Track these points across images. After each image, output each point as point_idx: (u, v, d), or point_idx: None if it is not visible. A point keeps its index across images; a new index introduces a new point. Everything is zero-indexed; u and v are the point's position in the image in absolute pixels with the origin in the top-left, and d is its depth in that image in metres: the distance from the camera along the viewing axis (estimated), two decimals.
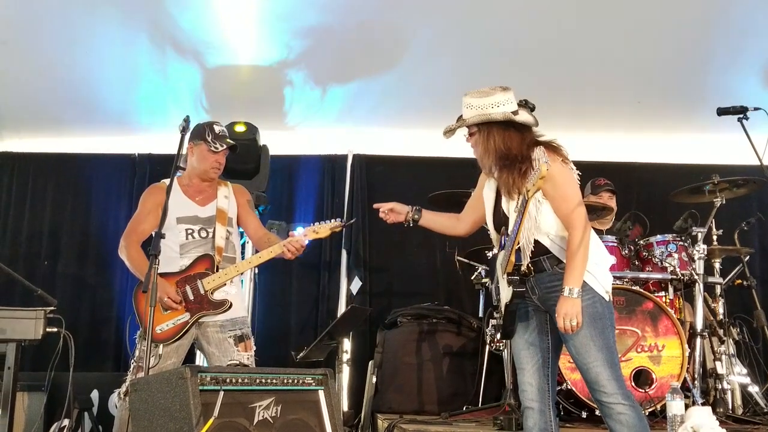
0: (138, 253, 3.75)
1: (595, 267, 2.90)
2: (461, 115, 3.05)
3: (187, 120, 3.53)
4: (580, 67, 5.61)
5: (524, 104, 3.05)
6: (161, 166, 5.71)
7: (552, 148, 2.92)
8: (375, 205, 3.43)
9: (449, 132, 3.08)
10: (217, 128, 3.89)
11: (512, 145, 2.94)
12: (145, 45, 5.42)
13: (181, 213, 3.81)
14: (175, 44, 5.44)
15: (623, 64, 5.60)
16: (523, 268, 2.93)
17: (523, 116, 2.98)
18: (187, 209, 3.85)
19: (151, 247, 3.22)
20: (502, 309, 3.04)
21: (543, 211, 2.92)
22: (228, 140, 3.92)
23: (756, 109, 3.81)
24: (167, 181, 3.58)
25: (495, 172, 3.01)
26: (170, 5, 5.03)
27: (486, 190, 3.16)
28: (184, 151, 3.83)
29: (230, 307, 3.72)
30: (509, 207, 2.96)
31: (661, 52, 5.44)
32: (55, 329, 3.58)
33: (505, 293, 3.00)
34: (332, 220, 3.81)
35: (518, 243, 2.89)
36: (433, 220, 3.41)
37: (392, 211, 3.36)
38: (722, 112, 3.87)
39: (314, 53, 5.60)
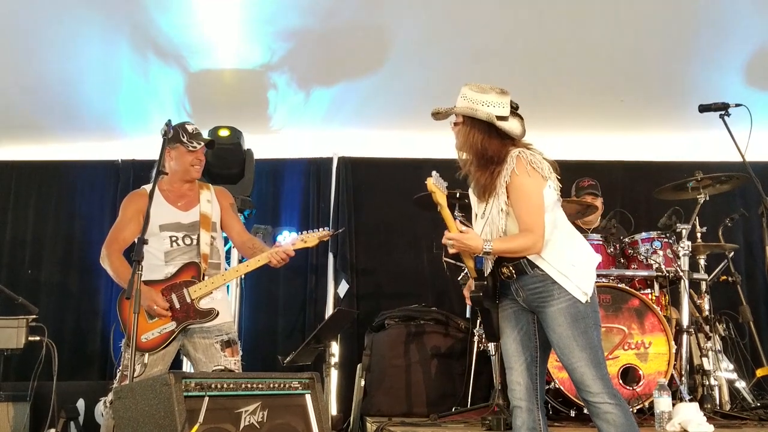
0: (120, 262, 3.67)
1: (570, 269, 2.88)
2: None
3: (168, 124, 3.49)
4: (564, 67, 5.62)
5: (516, 113, 3.03)
6: (145, 172, 5.62)
7: (522, 156, 2.90)
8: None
9: (437, 114, 3.07)
10: (189, 128, 3.83)
11: (489, 147, 2.94)
12: (126, 49, 5.38)
13: (163, 220, 3.74)
14: (157, 48, 5.40)
15: (606, 64, 5.63)
16: (487, 272, 2.95)
17: (512, 124, 2.96)
18: (170, 216, 3.78)
19: (133, 253, 3.18)
20: (479, 312, 3.05)
21: (510, 219, 2.92)
22: (204, 137, 3.87)
23: (737, 105, 3.83)
24: (147, 187, 3.53)
25: (471, 168, 3.02)
26: (151, 8, 4.99)
27: (471, 192, 3.17)
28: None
29: (217, 315, 3.68)
30: (478, 211, 3.00)
31: (643, 50, 5.47)
32: (38, 338, 3.55)
33: None
34: (321, 229, 3.74)
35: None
36: None
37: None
38: (704, 109, 3.89)
39: (297, 56, 5.58)
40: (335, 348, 5.43)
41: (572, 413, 4.21)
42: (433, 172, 2.86)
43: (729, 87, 5.78)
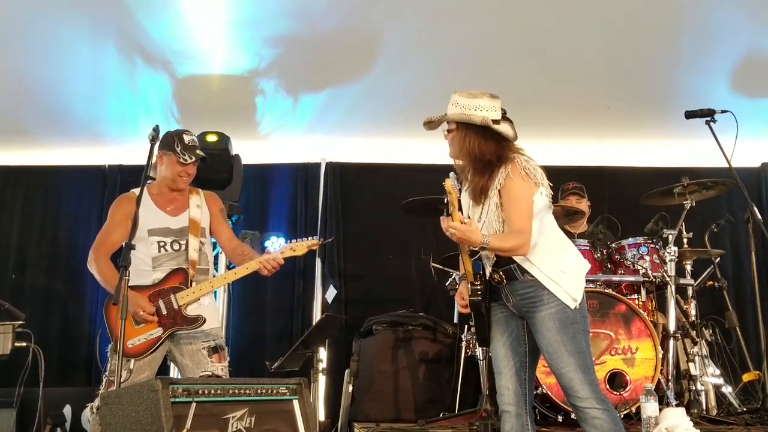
0: (108, 266, 3.65)
1: (561, 275, 2.92)
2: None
3: (156, 129, 3.47)
4: (550, 73, 5.65)
5: (506, 117, 3.06)
6: (132, 177, 5.66)
7: (517, 161, 2.94)
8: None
9: (430, 123, 3.09)
10: (186, 138, 3.76)
11: (486, 150, 2.96)
12: (113, 54, 5.37)
13: (152, 225, 3.72)
14: (145, 53, 5.39)
15: (592, 70, 5.66)
16: (487, 276, 2.97)
17: (504, 128, 3.00)
18: (159, 221, 3.76)
19: (120, 258, 3.16)
20: (473, 316, 3.06)
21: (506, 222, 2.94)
22: (198, 152, 3.79)
23: (723, 111, 3.85)
24: (136, 190, 3.52)
25: (468, 174, 3.04)
26: (139, 14, 4.98)
27: (463, 195, 3.18)
28: (153, 161, 3.76)
29: (204, 322, 3.65)
30: (473, 215, 3.00)
31: (629, 56, 5.50)
32: (24, 344, 3.52)
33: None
34: (310, 238, 3.71)
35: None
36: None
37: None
38: (690, 115, 3.92)
39: (285, 62, 5.59)
40: (323, 353, 5.42)
41: (559, 418, 4.21)
42: (451, 174, 2.90)
43: (715, 93, 5.81)
